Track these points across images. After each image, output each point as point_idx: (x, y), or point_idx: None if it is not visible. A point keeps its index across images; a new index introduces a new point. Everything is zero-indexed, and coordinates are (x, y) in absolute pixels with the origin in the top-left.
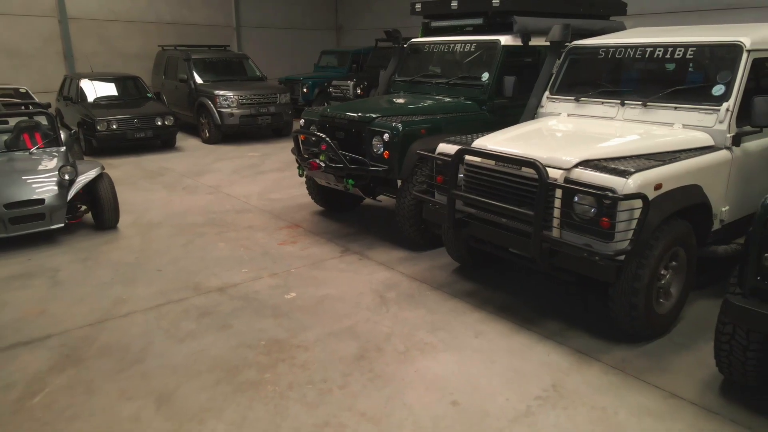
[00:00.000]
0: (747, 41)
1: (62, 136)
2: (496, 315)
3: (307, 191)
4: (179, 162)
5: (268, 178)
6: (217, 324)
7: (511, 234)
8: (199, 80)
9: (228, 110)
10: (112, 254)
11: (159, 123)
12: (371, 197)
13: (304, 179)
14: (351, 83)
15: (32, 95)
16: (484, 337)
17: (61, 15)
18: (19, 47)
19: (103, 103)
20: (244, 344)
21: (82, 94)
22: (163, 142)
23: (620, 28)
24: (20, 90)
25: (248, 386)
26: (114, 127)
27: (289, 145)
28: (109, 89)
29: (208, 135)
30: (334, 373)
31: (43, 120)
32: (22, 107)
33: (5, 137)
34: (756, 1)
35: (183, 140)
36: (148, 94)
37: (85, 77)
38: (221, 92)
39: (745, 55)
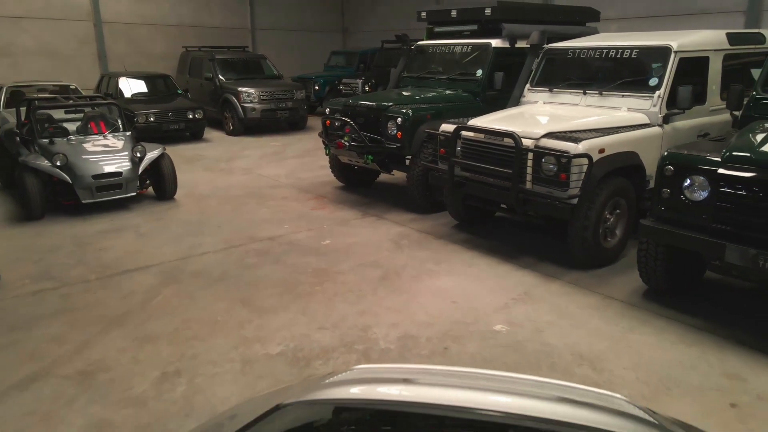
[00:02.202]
0: (674, 44)
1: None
2: (485, 253)
3: (329, 170)
4: (210, 150)
5: (291, 162)
6: (273, 259)
7: (496, 189)
8: (222, 78)
9: (250, 105)
10: (177, 216)
11: (190, 116)
12: (386, 171)
13: (326, 162)
14: (360, 81)
15: (80, 91)
16: (476, 267)
17: (96, 19)
18: (59, 48)
19: (139, 98)
20: (296, 271)
21: (120, 91)
22: (192, 134)
23: (593, 32)
24: (70, 86)
25: (304, 294)
26: (151, 119)
27: (305, 137)
28: (143, 86)
29: (232, 127)
30: (365, 287)
31: (113, 110)
32: (94, 100)
33: (77, 124)
34: (724, 6)
35: (208, 133)
36: (178, 91)
37: (122, 76)
38: (244, 89)
39: (673, 55)
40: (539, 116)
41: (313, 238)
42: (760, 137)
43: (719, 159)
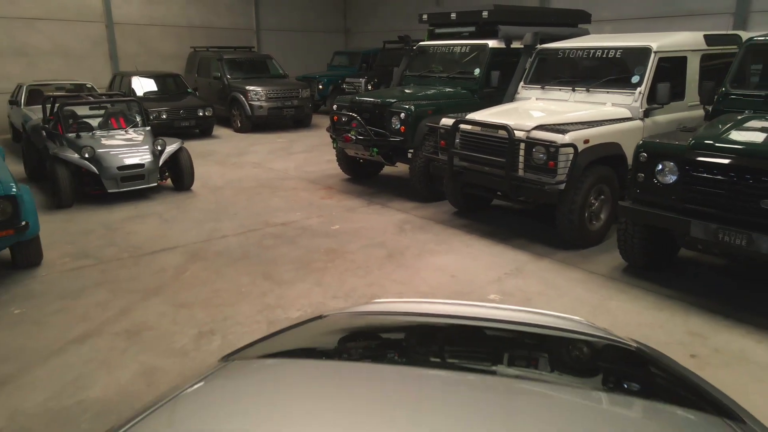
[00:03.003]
0: (654, 45)
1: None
2: (482, 236)
3: (335, 164)
4: (220, 146)
5: (299, 157)
6: (288, 241)
7: (491, 177)
8: (230, 77)
9: (258, 103)
10: (196, 204)
11: (200, 114)
12: (390, 164)
13: (332, 156)
14: (363, 80)
15: (96, 89)
16: (473, 247)
17: (108, 20)
18: (73, 49)
19: (151, 96)
20: (309, 251)
21: (132, 90)
22: (202, 131)
23: (584, 33)
24: (86, 85)
25: (318, 270)
26: (164, 117)
27: (310, 134)
28: (154, 85)
29: (239, 125)
30: (373, 264)
31: (132, 107)
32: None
33: (98, 120)
34: (714, 8)
35: (216, 130)
36: (188, 90)
37: (134, 75)
38: (252, 87)
39: (652, 55)
40: (531, 111)
41: (323, 223)
42: (723, 127)
43: (686, 147)
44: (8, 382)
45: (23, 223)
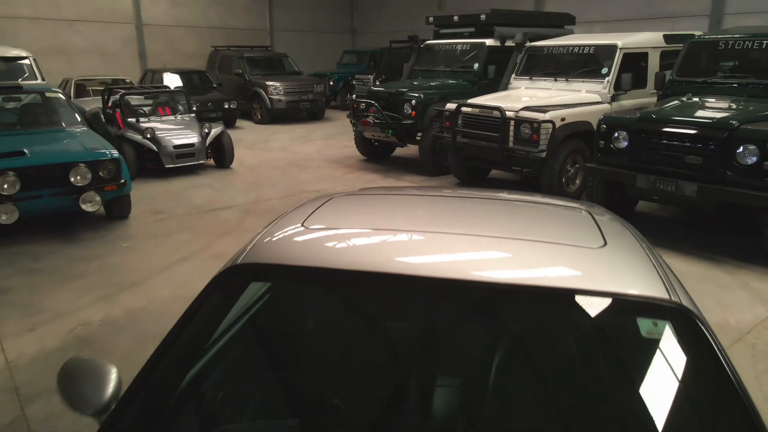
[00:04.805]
0: (620, 43)
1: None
2: None
3: (353, 149)
4: (246, 135)
5: (318, 143)
6: None
7: (487, 149)
8: (250, 74)
9: (277, 97)
10: (238, 178)
11: (226, 106)
12: (402, 144)
13: (348, 143)
14: (371, 76)
15: (134, 83)
16: None
17: (138, 22)
18: (107, 48)
19: (181, 91)
20: None
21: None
22: (226, 122)
23: (569, 33)
24: (126, 80)
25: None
26: (194, 108)
27: (325, 125)
28: (183, 81)
29: (260, 117)
30: None
31: (177, 97)
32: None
33: (147, 108)
34: (691, 11)
35: (238, 122)
36: (213, 85)
37: (165, 71)
38: (271, 83)
39: (618, 51)
40: (520, 97)
41: (348, 189)
42: (665, 105)
43: (635, 119)
44: (140, 283)
45: (122, 180)
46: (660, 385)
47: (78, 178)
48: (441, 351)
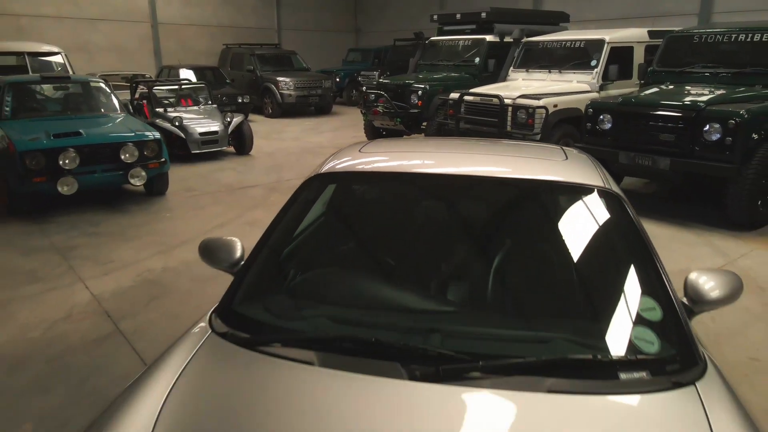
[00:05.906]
0: (608, 37)
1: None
2: None
3: (362, 139)
4: (259, 127)
5: (328, 134)
6: None
7: (487, 134)
8: (261, 70)
9: (287, 92)
10: (259, 162)
11: (240, 100)
12: (409, 132)
13: (357, 134)
14: (376, 73)
15: (152, 78)
16: None
17: (153, 21)
18: (124, 45)
19: (203, 84)
20: None
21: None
22: None
23: (563, 30)
24: (146, 75)
25: None
26: (219, 99)
27: (333, 119)
28: (197, 76)
29: (271, 111)
30: None
31: (198, 90)
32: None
33: (171, 100)
34: (682, 10)
35: (250, 116)
36: (227, 81)
37: (181, 68)
38: (282, 78)
39: (606, 45)
40: (517, 86)
41: None
42: (644, 92)
43: (617, 104)
44: (189, 242)
45: (163, 159)
46: (594, 242)
47: (127, 155)
48: (463, 224)
